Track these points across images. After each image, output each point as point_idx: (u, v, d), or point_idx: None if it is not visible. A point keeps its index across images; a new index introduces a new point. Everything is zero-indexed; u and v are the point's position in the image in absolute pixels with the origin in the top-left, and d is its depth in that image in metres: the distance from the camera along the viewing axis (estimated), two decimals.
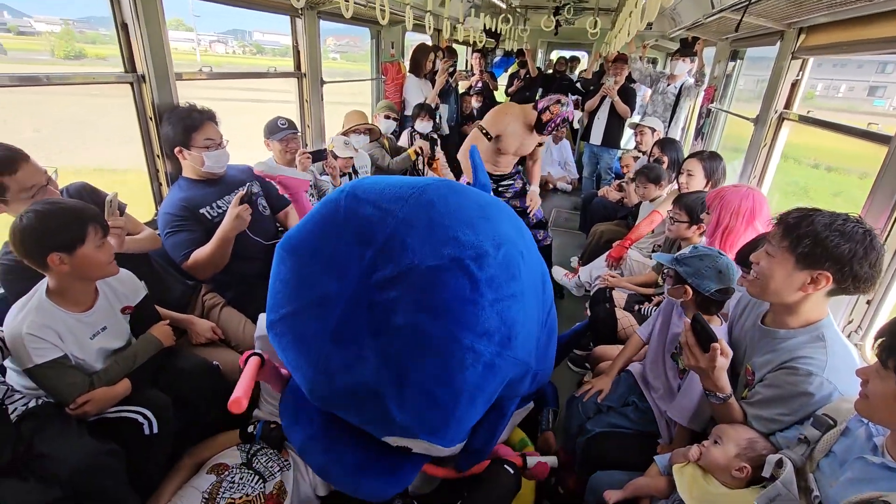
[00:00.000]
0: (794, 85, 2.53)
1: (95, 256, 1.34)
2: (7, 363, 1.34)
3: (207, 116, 1.92)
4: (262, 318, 1.68)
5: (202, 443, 1.62)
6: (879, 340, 0.88)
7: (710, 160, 2.40)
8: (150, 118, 1.96)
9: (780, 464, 1.02)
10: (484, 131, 2.72)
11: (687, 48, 4.14)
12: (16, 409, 1.31)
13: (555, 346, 1.49)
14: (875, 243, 1.09)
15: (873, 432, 0.97)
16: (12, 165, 1.40)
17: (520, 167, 3.10)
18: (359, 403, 1.04)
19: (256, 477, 1.50)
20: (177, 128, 1.87)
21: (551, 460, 1.51)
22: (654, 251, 2.66)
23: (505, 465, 1.42)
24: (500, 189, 2.99)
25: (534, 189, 3.02)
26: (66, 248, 1.29)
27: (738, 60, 3.74)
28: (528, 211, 2.99)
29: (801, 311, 1.20)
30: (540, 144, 2.92)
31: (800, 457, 1.05)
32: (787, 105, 2.60)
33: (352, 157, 2.96)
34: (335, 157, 2.86)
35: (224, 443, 1.61)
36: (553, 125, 2.61)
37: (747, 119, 2.93)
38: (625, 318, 2.09)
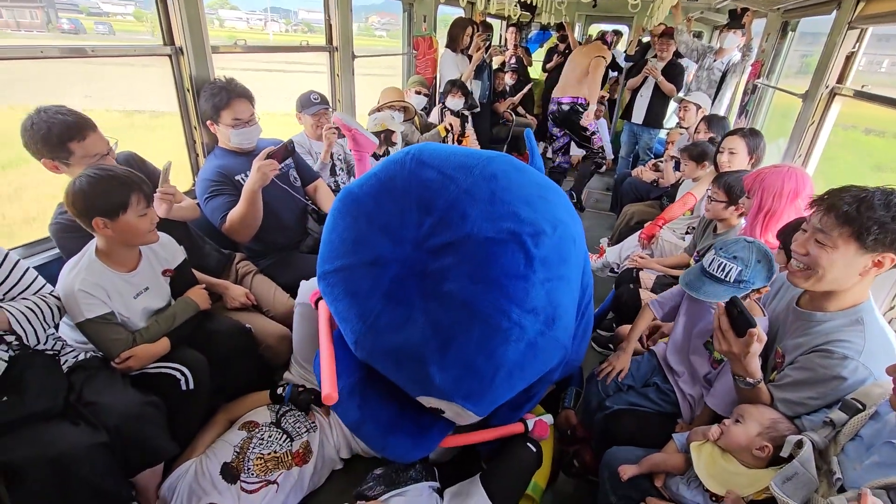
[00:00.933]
0: (849, 58, 2.36)
1: (137, 224, 1.42)
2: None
3: (237, 94, 1.94)
4: (304, 284, 1.78)
5: (235, 401, 1.72)
6: None
7: (752, 137, 2.28)
8: (188, 90, 2.02)
9: (799, 444, 1.00)
10: None
11: (736, 20, 3.89)
12: (67, 360, 1.42)
13: (589, 336, 1.49)
14: None
15: None
16: (81, 132, 1.49)
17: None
18: (401, 361, 1.07)
19: (284, 435, 1.58)
20: (208, 103, 1.95)
21: (548, 418, 1.53)
22: (687, 232, 2.57)
23: (528, 444, 1.44)
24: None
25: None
26: (109, 214, 1.36)
27: (791, 32, 3.50)
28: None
29: (844, 294, 1.15)
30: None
31: (823, 439, 1.02)
32: (840, 80, 2.43)
33: (397, 133, 2.96)
34: (390, 133, 2.90)
35: (255, 402, 1.71)
36: None
37: (795, 95, 2.76)
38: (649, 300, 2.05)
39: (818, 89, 2.46)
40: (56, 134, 1.44)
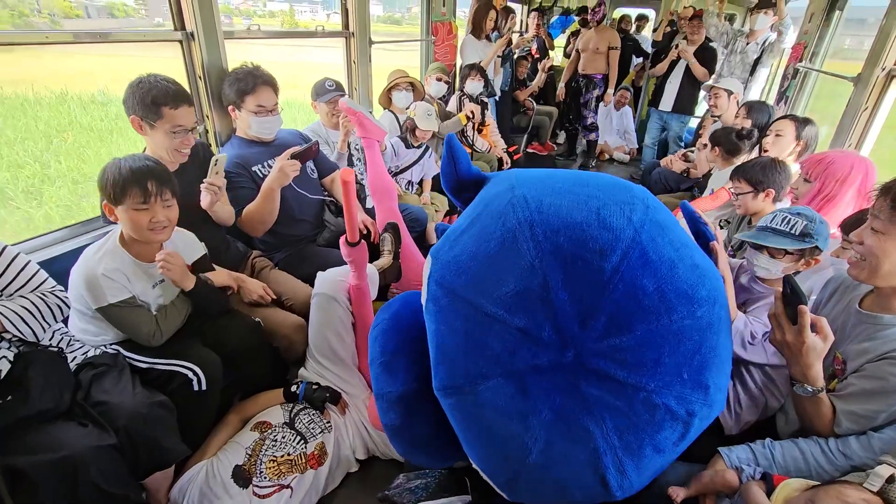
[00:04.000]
0: None
1: (134, 218, 1.36)
2: (74, 305, 1.40)
3: (263, 81, 1.90)
4: (321, 275, 1.77)
5: (247, 400, 1.67)
6: None
7: (804, 123, 2.15)
8: (200, 77, 1.95)
9: (891, 479, 0.87)
10: None
11: (764, 1, 3.64)
12: (75, 357, 1.37)
13: None
14: None
15: None
16: (177, 102, 1.55)
17: None
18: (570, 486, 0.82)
19: (298, 437, 1.52)
20: (233, 87, 1.90)
21: None
22: (721, 227, 2.42)
23: None
24: None
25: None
26: (111, 201, 1.36)
27: (837, 11, 3.26)
28: None
29: None
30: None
31: None
32: None
33: (428, 131, 2.87)
34: (415, 125, 2.82)
35: (268, 401, 1.65)
36: None
37: (845, 78, 2.56)
38: None
39: (873, 72, 2.26)
40: (154, 95, 1.52)
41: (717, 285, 0.82)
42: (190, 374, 1.43)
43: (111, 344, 1.47)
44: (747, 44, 3.76)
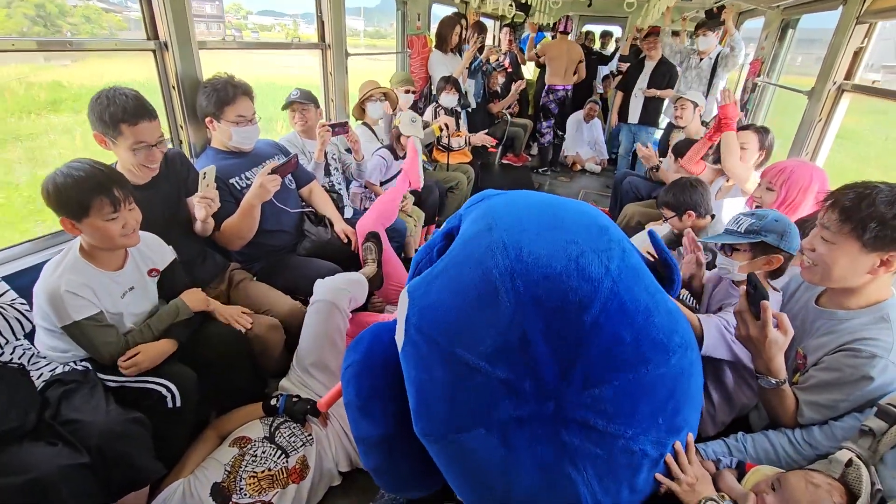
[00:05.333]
0: (857, 53, 2.32)
1: (105, 228, 1.32)
2: (39, 322, 1.35)
3: (242, 91, 1.89)
4: (320, 283, 1.77)
5: (226, 415, 1.62)
6: None
7: (765, 133, 2.27)
8: (173, 87, 1.92)
9: (849, 463, 0.92)
10: None
11: (713, 18, 3.84)
12: (42, 374, 1.32)
13: None
14: None
15: None
16: (135, 118, 1.48)
17: None
18: None
19: (279, 451, 1.49)
20: (210, 98, 1.86)
21: None
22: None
23: None
24: None
25: None
26: (73, 216, 1.30)
27: (791, 30, 3.46)
28: None
29: (864, 291, 1.11)
30: None
31: (866, 451, 0.95)
32: (848, 76, 2.38)
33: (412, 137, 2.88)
34: (399, 133, 2.82)
35: (247, 415, 1.61)
36: None
37: (800, 92, 2.71)
38: None
39: (825, 86, 2.42)
40: (111, 112, 1.46)
41: (689, 328, 0.86)
42: (164, 391, 1.39)
43: (81, 360, 1.42)
44: (700, 60, 3.96)
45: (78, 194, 1.27)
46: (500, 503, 0.82)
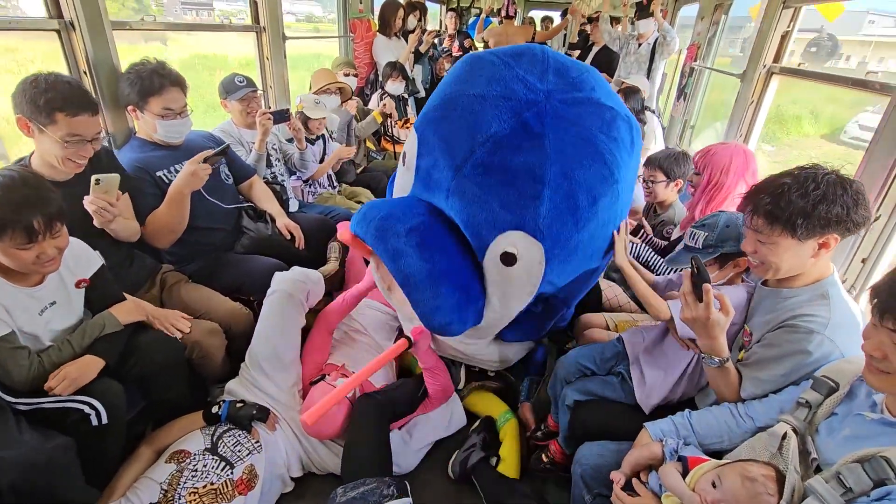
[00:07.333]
0: (784, 37, 2.42)
1: (16, 255, 1.16)
2: None
3: (171, 81, 1.72)
4: (279, 275, 1.73)
5: (161, 428, 1.50)
6: (874, 301, 0.84)
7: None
8: (84, 72, 1.73)
9: (785, 436, 0.96)
10: None
11: (643, 11, 3.98)
12: None
13: (591, 284, 1.67)
14: (852, 184, 1.05)
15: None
16: (76, 109, 1.36)
17: None
18: (517, 178, 1.21)
19: (222, 463, 1.39)
20: (134, 86, 1.69)
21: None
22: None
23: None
24: None
25: None
26: None
27: (724, 15, 3.60)
28: None
29: (808, 273, 1.15)
30: None
31: (802, 423, 0.99)
32: (776, 59, 2.49)
33: (324, 118, 2.75)
34: (306, 118, 2.66)
35: (186, 426, 1.50)
36: None
37: (733, 75, 2.82)
38: (609, 289, 2.02)
39: (756, 69, 2.52)
40: (49, 98, 1.32)
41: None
42: (86, 409, 1.26)
43: None
44: (639, 45, 4.05)
45: None
46: (495, 142, 1.23)
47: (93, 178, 1.42)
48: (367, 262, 2.11)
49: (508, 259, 1.28)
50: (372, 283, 1.82)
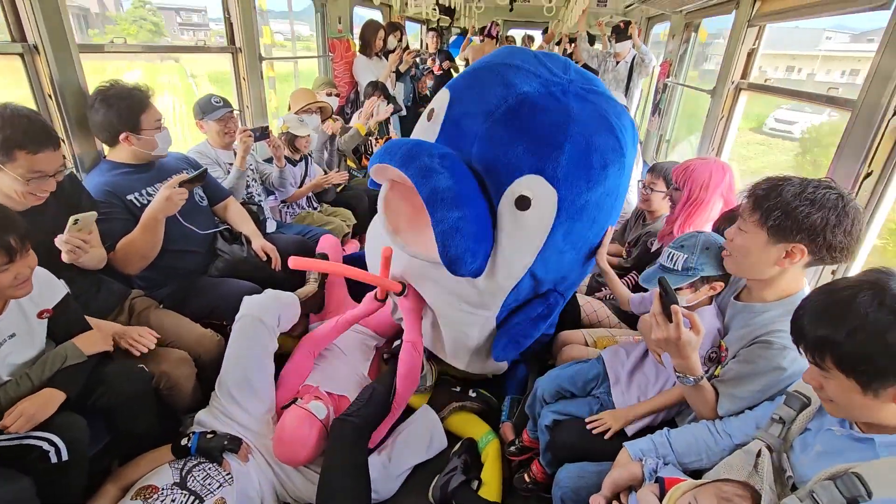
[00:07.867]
0: (751, 54, 2.50)
1: None
2: None
3: (148, 94, 1.74)
4: (248, 299, 1.68)
5: (128, 464, 1.44)
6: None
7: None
8: (49, 96, 1.69)
9: (759, 453, 0.95)
10: None
11: (620, 34, 4.09)
12: None
13: (584, 275, 1.74)
14: (849, 209, 1.03)
15: None
16: (38, 146, 1.31)
17: None
18: (542, 134, 1.33)
19: (192, 497, 1.34)
20: (120, 110, 1.67)
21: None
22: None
23: None
24: None
25: None
26: None
27: (694, 34, 3.72)
28: None
29: (777, 284, 1.15)
30: None
31: (776, 439, 0.98)
32: (744, 75, 2.57)
33: (310, 136, 2.75)
34: (292, 137, 2.66)
35: (154, 461, 1.44)
36: None
37: (704, 91, 2.90)
38: (588, 304, 2.01)
39: (725, 85, 2.58)
40: (7, 137, 1.27)
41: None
42: (45, 445, 1.19)
43: None
44: (617, 63, 4.15)
45: None
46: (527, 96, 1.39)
47: (71, 218, 1.36)
48: (356, 292, 2.11)
49: (523, 203, 1.35)
50: (369, 309, 1.79)
